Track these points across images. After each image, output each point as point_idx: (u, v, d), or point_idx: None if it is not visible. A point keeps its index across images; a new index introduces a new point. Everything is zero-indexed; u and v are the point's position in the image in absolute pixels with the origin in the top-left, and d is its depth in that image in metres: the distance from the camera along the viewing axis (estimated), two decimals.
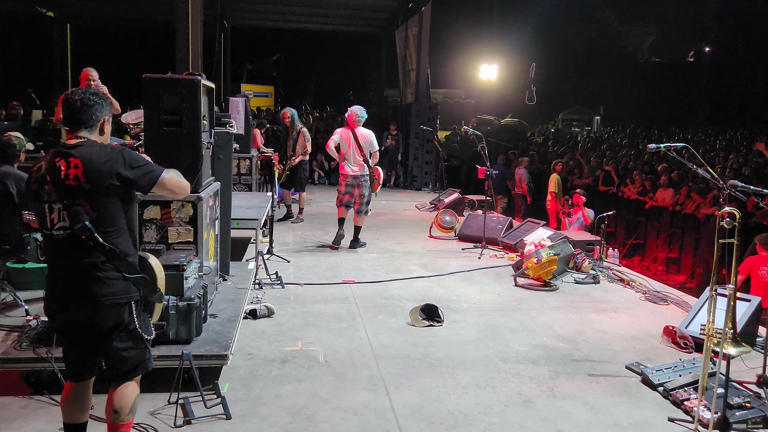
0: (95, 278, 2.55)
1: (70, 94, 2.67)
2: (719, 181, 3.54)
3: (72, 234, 2.51)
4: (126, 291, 2.60)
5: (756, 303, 4.68)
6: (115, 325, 2.60)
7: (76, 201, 2.51)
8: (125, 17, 23.00)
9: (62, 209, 2.53)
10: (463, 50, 29.85)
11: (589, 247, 7.53)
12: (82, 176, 2.50)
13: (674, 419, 3.55)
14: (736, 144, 19.57)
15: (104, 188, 2.53)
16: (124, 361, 2.68)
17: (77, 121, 2.64)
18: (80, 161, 2.52)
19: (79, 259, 2.55)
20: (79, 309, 2.57)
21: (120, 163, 2.56)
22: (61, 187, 2.52)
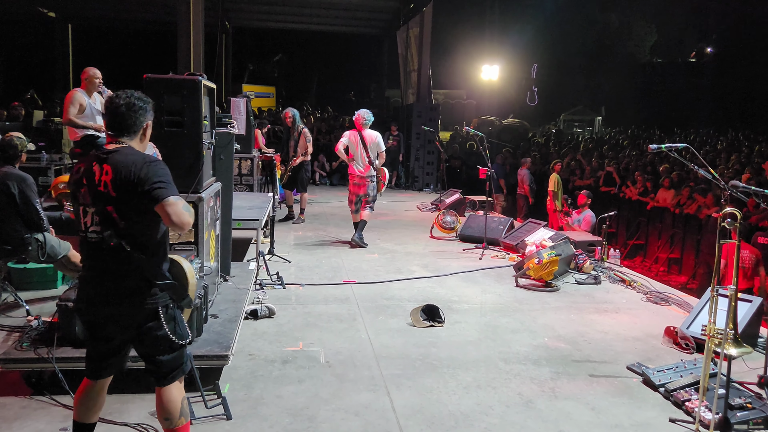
0: (123, 283, 2.57)
1: (114, 98, 2.64)
2: (720, 182, 3.54)
3: (103, 238, 2.54)
4: (153, 296, 2.59)
5: (757, 303, 4.67)
6: (145, 329, 2.61)
7: (105, 208, 2.52)
8: (127, 18, 23.04)
9: (95, 214, 2.55)
10: (465, 51, 29.88)
11: (591, 247, 7.52)
12: (111, 184, 2.50)
13: (675, 420, 3.54)
14: (737, 144, 19.55)
15: (129, 197, 2.50)
16: (159, 365, 2.68)
17: (120, 127, 2.63)
18: (111, 169, 2.51)
19: (109, 263, 2.56)
20: (107, 311, 2.61)
21: (143, 174, 2.48)
22: (94, 192, 2.54)
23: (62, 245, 4.76)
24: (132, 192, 2.48)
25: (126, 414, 3.37)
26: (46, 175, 8.11)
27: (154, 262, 2.62)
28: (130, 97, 2.65)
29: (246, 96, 8.40)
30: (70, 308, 3.61)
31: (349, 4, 18.95)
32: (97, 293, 2.61)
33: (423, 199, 12.92)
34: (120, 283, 2.56)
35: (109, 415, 3.34)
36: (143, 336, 2.62)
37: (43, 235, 4.65)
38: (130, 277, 2.56)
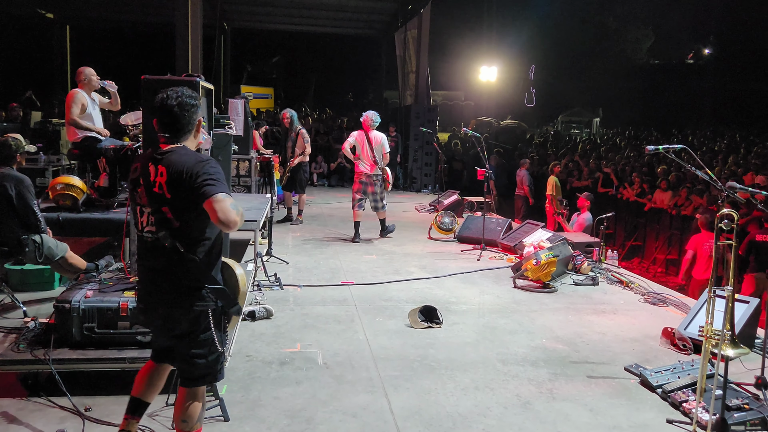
0: (174, 284, 2.59)
1: (166, 99, 2.58)
2: (717, 183, 3.54)
3: (158, 239, 2.55)
4: (203, 300, 2.60)
5: (755, 305, 4.68)
6: (190, 330, 2.62)
7: (161, 208, 2.53)
8: (125, 19, 23.04)
9: (150, 214, 2.57)
10: (463, 52, 29.92)
11: (588, 248, 7.53)
12: (165, 185, 2.50)
13: (673, 421, 3.54)
14: (735, 146, 19.58)
15: (183, 198, 2.50)
16: (194, 367, 2.68)
17: (175, 129, 2.60)
18: (165, 170, 2.50)
19: (163, 263, 2.58)
20: (157, 309, 2.64)
21: (195, 172, 2.46)
22: (150, 192, 2.55)
23: (60, 246, 4.75)
24: (185, 191, 2.47)
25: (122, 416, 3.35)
26: (44, 176, 8.11)
27: (207, 265, 2.62)
28: (181, 96, 2.60)
29: (244, 97, 8.40)
30: (66, 309, 3.61)
31: (347, 5, 18.95)
32: (151, 292, 2.65)
33: (421, 200, 12.93)
34: (173, 283, 2.58)
35: (107, 416, 3.34)
36: (186, 337, 2.63)
37: (41, 236, 4.63)
38: (183, 278, 2.57)
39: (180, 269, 2.56)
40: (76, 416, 3.33)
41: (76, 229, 5.37)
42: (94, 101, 6.07)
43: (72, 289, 3.92)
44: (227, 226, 2.44)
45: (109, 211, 5.62)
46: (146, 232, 2.59)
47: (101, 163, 5.97)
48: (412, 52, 16.89)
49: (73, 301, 3.63)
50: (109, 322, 3.64)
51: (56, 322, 3.67)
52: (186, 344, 2.64)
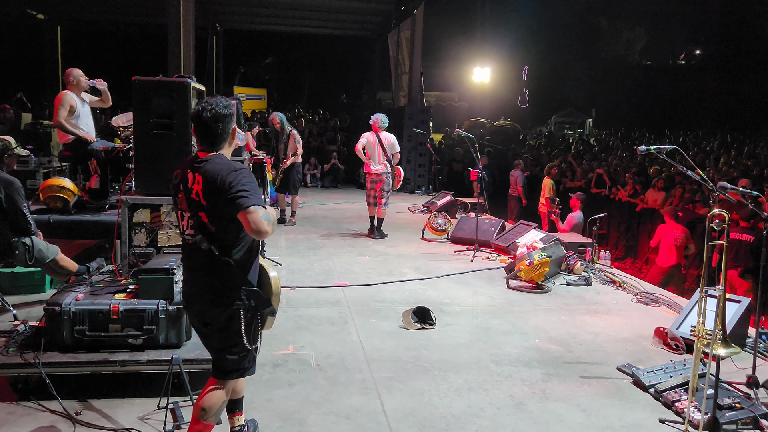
0: (211, 284, 2.72)
1: (201, 111, 2.68)
2: (708, 183, 3.55)
3: (196, 241, 2.69)
4: (237, 299, 2.71)
5: (746, 304, 4.70)
6: (224, 327, 2.74)
7: (198, 214, 2.67)
8: (116, 20, 22.92)
9: (190, 218, 2.73)
10: (456, 53, 29.98)
11: (581, 249, 7.54)
12: (201, 193, 2.64)
13: (665, 421, 3.55)
14: (727, 146, 19.70)
15: (217, 206, 2.61)
16: (225, 361, 2.82)
17: (212, 140, 2.72)
18: (202, 178, 2.64)
19: (200, 264, 2.72)
20: (196, 306, 2.80)
21: (228, 182, 2.57)
22: (189, 198, 2.70)
23: (50, 249, 4.72)
24: (219, 199, 2.59)
25: (114, 419, 3.34)
26: (35, 177, 8.05)
27: (242, 268, 2.73)
28: (216, 107, 2.69)
29: (237, 98, 8.37)
30: (57, 312, 3.58)
31: (341, 7, 18.94)
32: (191, 291, 2.81)
33: (414, 201, 12.92)
34: (209, 284, 2.72)
35: (97, 420, 3.32)
36: (219, 333, 2.76)
37: (31, 239, 4.60)
38: (219, 279, 2.70)
39: (216, 271, 2.69)
40: (67, 420, 3.31)
41: (67, 231, 5.35)
42: (84, 102, 6.03)
43: (63, 291, 3.90)
44: (259, 235, 2.59)
45: (100, 213, 5.59)
46: (186, 235, 2.76)
47: (92, 165, 5.94)
48: (405, 53, 16.90)
49: (64, 304, 3.61)
50: (100, 324, 3.62)
51: (46, 325, 3.65)
52: (218, 339, 2.78)
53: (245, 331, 2.74)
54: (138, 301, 3.69)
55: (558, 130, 34.91)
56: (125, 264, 4.28)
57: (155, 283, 3.70)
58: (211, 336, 2.81)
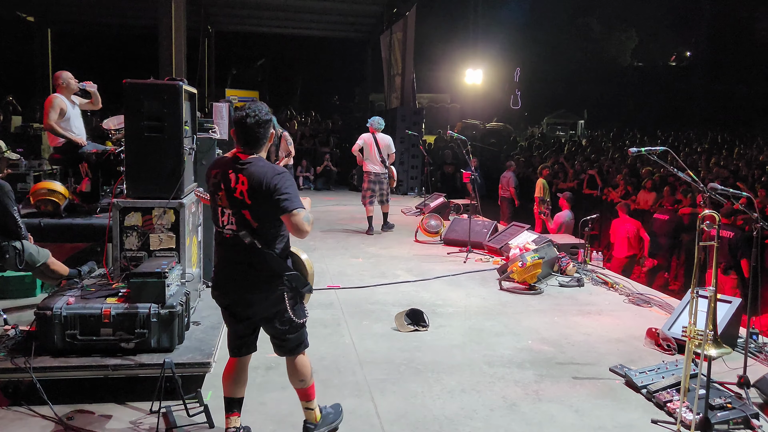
0: (257, 274, 2.95)
1: (245, 117, 2.90)
2: (699, 184, 3.58)
3: (238, 236, 2.91)
4: (280, 284, 2.97)
5: (736, 305, 4.73)
6: (275, 312, 3.01)
7: (241, 211, 2.88)
8: (107, 22, 22.78)
9: (231, 215, 2.92)
10: (449, 55, 30.02)
11: (574, 250, 7.57)
12: (246, 193, 2.86)
13: (657, 421, 3.57)
14: (717, 147, 19.83)
15: (261, 205, 2.86)
16: (287, 342, 3.10)
17: (254, 143, 2.95)
18: (247, 180, 2.86)
19: (244, 256, 2.94)
20: (244, 297, 2.99)
21: (273, 185, 2.83)
22: (231, 197, 2.90)
23: (41, 253, 4.69)
24: (265, 200, 2.84)
25: (106, 423, 3.32)
26: (25, 181, 8.00)
27: (282, 257, 2.99)
28: (258, 113, 2.92)
29: (229, 101, 8.35)
30: (48, 317, 3.56)
31: (333, 8, 18.93)
32: (232, 282, 3.00)
33: (407, 203, 12.92)
34: (255, 274, 2.94)
35: (89, 425, 3.30)
36: (273, 319, 3.02)
37: (21, 242, 4.57)
38: (263, 269, 2.93)
39: (259, 262, 2.92)
40: (58, 425, 3.29)
41: (58, 234, 5.32)
42: (74, 104, 6.00)
43: (54, 295, 3.88)
44: (300, 236, 2.89)
45: (91, 216, 5.56)
46: (227, 229, 2.96)
47: (83, 168, 5.91)
48: (397, 54, 16.91)
49: (55, 308, 3.58)
50: (91, 329, 3.59)
51: (37, 330, 3.62)
52: (273, 325, 3.05)
53: (293, 312, 3.03)
54: (130, 304, 3.67)
55: (550, 131, 35.01)
56: (117, 267, 4.25)
57: (147, 286, 3.68)
58: (267, 324, 3.06)
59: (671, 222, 8.81)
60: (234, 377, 3.17)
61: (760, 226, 3.91)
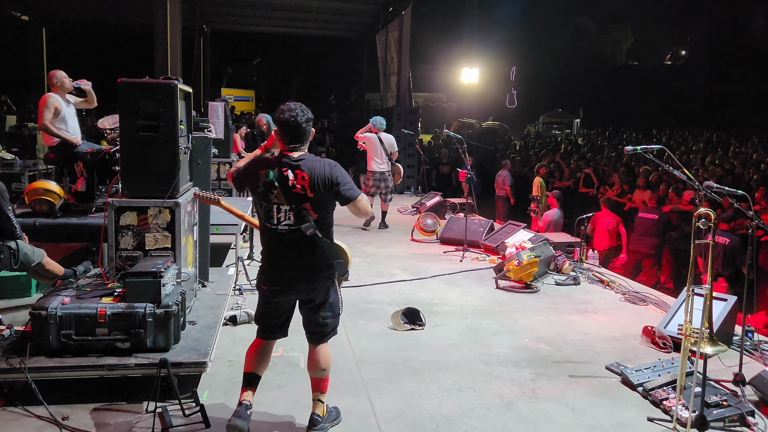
0: (313, 264, 3.16)
1: (295, 117, 3.09)
2: (695, 182, 3.58)
3: (295, 230, 3.09)
4: (331, 273, 3.22)
5: (732, 302, 4.74)
6: (324, 300, 3.23)
7: (301, 205, 3.06)
8: (102, 21, 22.70)
9: (289, 210, 3.08)
10: (445, 54, 30.03)
11: (570, 248, 7.58)
12: (308, 187, 3.06)
13: (653, 419, 3.57)
14: (713, 146, 19.89)
15: (323, 196, 3.10)
16: (325, 327, 3.29)
17: (301, 140, 3.15)
18: (306, 174, 3.06)
19: (302, 250, 3.13)
20: (300, 288, 3.19)
21: (335, 178, 3.09)
22: (289, 193, 3.06)
23: (36, 252, 4.67)
24: (327, 191, 3.09)
25: (102, 424, 3.31)
26: (20, 181, 7.96)
27: (331, 246, 3.21)
28: (304, 111, 3.13)
29: (224, 100, 8.35)
30: (43, 317, 3.54)
31: (329, 8, 18.90)
32: (294, 276, 3.17)
33: (404, 202, 12.91)
34: (315, 264, 3.16)
35: (85, 425, 3.29)
36: (321, 305, 3.24)
37: (16, 242, 4.54)
38: (319, 258, 3.16)
39: (318, 252, 3.14)
40: (54, 425, 3.27)
41: (53, 234, 5.29)
42: (69, 103, 5.97)
43: (49, 295, 3.86)
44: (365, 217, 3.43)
45: (86, 216, 5.53)
46: (282, 225, 3.12)
47: (78, 168, 5.88)
48: (393, 53, 16.90)
49: (50, 308, 3.57)
50: (87, 328, 3.58)
51: (32, 330, 3.61)
52: (319, 312, 3.24)
53: (337, 298, 3.29)
54: (125, 304, 3.65)
55: (546, 130, 35.07)
56: (112, 267, 4.23)
57: (143, 286, 3.67)
58: (314, 312, 3.24)
59: (660, 222, 8.93)
60: (260, 356, 3.32)
61: (755, 224, 3.92)
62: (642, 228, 8.92)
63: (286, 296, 3.24)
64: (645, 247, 8.96)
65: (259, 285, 3.29)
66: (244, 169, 3.23)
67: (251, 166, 3.19)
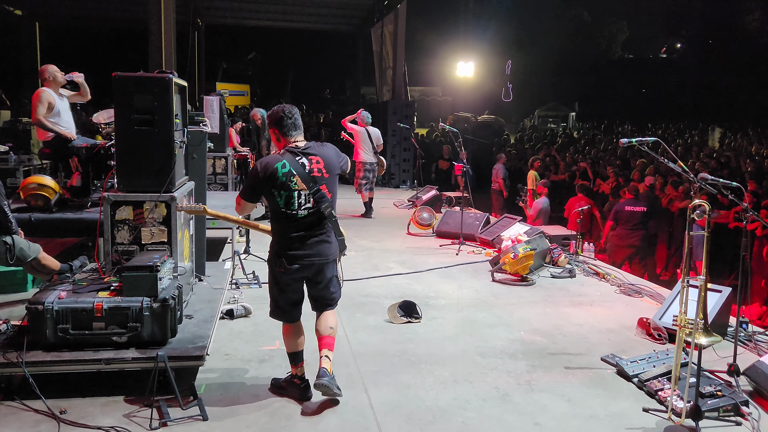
0: (326, 242, 3.51)
1: (287, 110, 3.50)
2: (690, 175, 3.60)
3: (314, 212, 3.43)
4: (337, 249, 3.57)
5: (726, 294, 4.77)
6: (332, 275, 3.59)
7: (318, 187, 3.40)
8: (96, 15, 22.58)
9: (309, 194, 3.39)
10: (440, 48, 29.92)
11: (565, 241, 7.60)
12: (324, 169, 3.46)
13: (649, 409, 3.60)
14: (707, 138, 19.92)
15: (334, 175, 3.51)
16: (334, 298, 3.67)
17: (300, 128, 3.55)
18: (320, 158, 3.46)
19: (318, 230, 3.48)
20: (316, 266, 3.49)
21: (339, 155, 3.59)
22: (309, 177, 3.40)
23: (32, 247, 4.66)
24: (335, 170, 3.53)
25: (100, 417, 3.31)
26: (15, 176, 7.94)
27: (336, 223, 3.55)
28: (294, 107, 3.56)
29: (219, 94, 8.32)
30: (40, 311, 3.54)
31: (324, 1, 18.85)
32: (315, 254, 3.47)
33: (399, 196, 12.93)
34: (326, 241, 3.51)
35: (82, 418, 3.29)
36: (330, 280, 3.59)
37: (12, 237, 4.53)
38: (330, 236, 3.53)
39: (332, 229, 3.53)
40: (52, 419, 3.27)
41: (49, 229, 5.28)
42: (62, 97, 5.95)
43: (45, 290, 3.86)
44: None
45: (82, 211, 5.52)
46: (302, 210, 3.41)
47: (73, 163, 5.86)
48: (389, 47, 16.87)
49: (47, 303, 3.57)
50: (83, 323, 3.58)
51: (29, 324, 3.61)
52: (329, 288, 3.60)
53: (341, 271, 3.67)
54: (122, 298, 3.65)
55: (542, 123, 35.08)
56: (108, 262, 4.23)
57: (139, 280, 3.67)
58: (323, 288, 3.58)
59: (648, 214, 9.08)
60: (296, 336, 3.62)
61: (750, 216, 3.94)
62: (632, 221, 8.97)
63: (303, 273, 3.49)
64: (637, 239, 9.01)
65: (276, 270, 3.50)
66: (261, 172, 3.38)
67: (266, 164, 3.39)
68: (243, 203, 3.52)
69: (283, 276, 3.47)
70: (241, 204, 3.54)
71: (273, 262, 3.51)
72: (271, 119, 3.51)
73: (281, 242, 3.47)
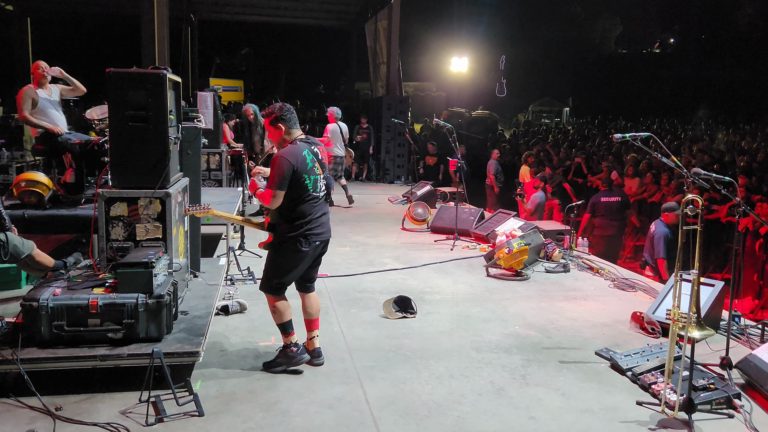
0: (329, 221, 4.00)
1: (288, 105, 3.87)
2: (683, 169, 3.62)
3: (326, 193, 3.99)
4: None
5: (719, 288, 4.81)
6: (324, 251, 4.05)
7: (326, 172, 3.97)
8: (88, 11, 22.42)
9: (323, 178, 3.90)
10: (434, 43, 29.94)
11: (560, 236, 7.63)
12: (325, 156, 3.99)
13: (642, 403, 3.63)
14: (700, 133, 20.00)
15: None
16: (315, 277, 4.14)
17: (299, 121, 3.93)
18: (321, 147, 3.97)
19: (326, 208, 3.99)
20: (327, 241, 3.99)
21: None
22: (322, 163, 3.91)
23: (26, 244, 4.64)
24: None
25: (95, 414, 3.32)
26: (7, 172, 7.91)
27: None
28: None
29: (213, 90, 8.30)
30: (34, 308, 3.54)
31: None
32: (327, 231, 3.95)
33: (394, 191, 12.93)
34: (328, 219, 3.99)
35: (78, 415, 3.29)
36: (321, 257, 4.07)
37: (5, 234, 4.52)
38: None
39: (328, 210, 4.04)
40: (47, 416, 3.27)
41: (43, 226, 5.26)
42: (50, 93, 5.92)
43: (40, 287, 3.85)
44: None
45: (76, 207, 5.51)
46: (321, 192, 3.91)
47: (67, 159, 5.84)
48: (382, 43, 16.83)
49: (41, 300, 3.56)
50: (79, 319, 3.58)
51: (24, 321, 3.60)
52: (318, 263, 4.08)
53: None
54: (117, 295, 3.65)
55: (536, 119, 35.10)
56: (103, 258, 4.22)
57: (134, 276, 3.66)
58: (317, 264, 4.06)
59: (624, 203, 9.36)
60: (287, 306, 3.94)
61: (742, 210, 3.97)
62: (610, 212, 9.16)
63: (320, 249, 3.94)
64: (614, 229, 9.23)
65: (301, 250, 3.79)
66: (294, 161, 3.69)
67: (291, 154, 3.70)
68: (278, 194, 3.71)
69: (305, 254, 3.82)
70: (277, 196, 3.72)
71: (297, 242, 3.76)
72: (277, 115, 3.78)
73: (308, 223, 3.80)
